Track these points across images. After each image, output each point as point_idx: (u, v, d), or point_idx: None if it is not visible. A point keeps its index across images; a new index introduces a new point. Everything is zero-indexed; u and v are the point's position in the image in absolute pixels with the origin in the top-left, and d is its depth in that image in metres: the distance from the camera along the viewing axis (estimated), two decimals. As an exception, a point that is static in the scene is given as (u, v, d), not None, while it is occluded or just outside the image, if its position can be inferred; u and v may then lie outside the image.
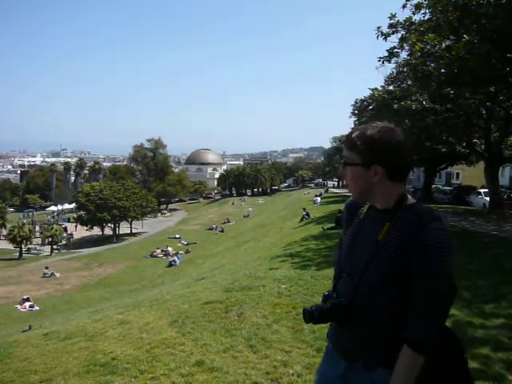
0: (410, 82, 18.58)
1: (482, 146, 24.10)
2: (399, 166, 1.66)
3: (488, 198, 24.42)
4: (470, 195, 30.19)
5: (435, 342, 1.54)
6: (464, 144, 25.04)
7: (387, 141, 1.62)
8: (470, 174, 43.29)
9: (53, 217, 59.39)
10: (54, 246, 42.07)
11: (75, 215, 53.53)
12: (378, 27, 13.26)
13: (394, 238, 1.60)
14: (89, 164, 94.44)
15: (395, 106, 18.84)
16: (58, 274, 29.17)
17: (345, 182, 1.79)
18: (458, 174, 55.87)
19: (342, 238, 1.97)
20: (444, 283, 1.54)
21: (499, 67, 11.27)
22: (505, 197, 26.46)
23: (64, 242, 45.00)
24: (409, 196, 1.69)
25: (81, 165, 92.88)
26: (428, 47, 12.24)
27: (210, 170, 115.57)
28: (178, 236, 42.38)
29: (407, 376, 1.53)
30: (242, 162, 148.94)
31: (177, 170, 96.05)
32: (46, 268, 29.66)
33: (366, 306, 1.64)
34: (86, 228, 49.31)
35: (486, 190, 25.55)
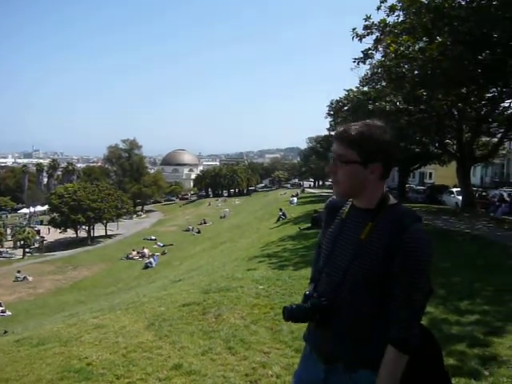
0: (384, 83, 18.81)
1: (454, 147, 24.55)
2: (392, 164, 1.68)
3: (460, 197, 24.89)
4: (443, 194, 30.74)
5: (418, 340, 1.56)
6: (437, 144, 25.45)
7: (384, 139, 1.63)
8: (442, 174, 44.09)
9: (25, 219, 58.14)
10: (27, 250, 41.11)
11: (48, 217, 52.48)
12: (354, 29, 13.38)
13: (376, 238, 1.60)
14: (62, 165, 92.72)
15: (370, 106, 19.02)
16: (30, 278, 28.57)
17: (331, 180, 1.75)
18: (430, 173, 56.87)
19: (319, 240, 1.96)
20: (424, 284, 1.56)
21: (471, 69, 11.49)
22: (476, 196, 27.01)
23: (37, 245, 44.02)
24: (390, 196, 1.69)
25: (54, 166, 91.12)
26: (402, 48, 12.40)
27: (185, 170, 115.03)
28: (153, 237, 42.01)
29: (393, 375, 1.54)
30: (218, 163, 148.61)
31: (152, 171, 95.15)
32: (18, 272, 29.03)
33: (346, 307, 1.64)
34: (59, 230, 48.34)
35: (459, 189, 26.05)
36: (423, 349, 1.60)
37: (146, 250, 34.18)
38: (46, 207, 58.69)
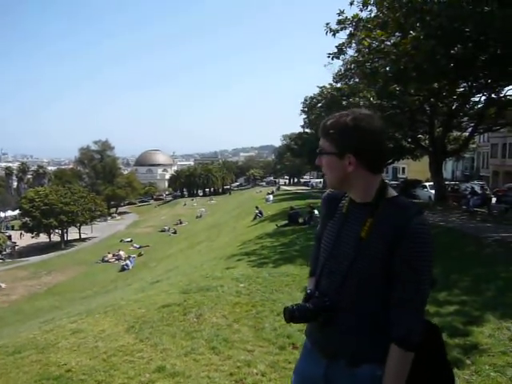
0: (357, 80, 18.98)
1: (427, 141, 24.97)
2: (375, 154, 1.60)
3: (433, 191, 25.32)
4: (416, 189, 31.19)
5: (420, 336, 1.52)
6: (409, 139, 25.83)
7: (362, 128, 1.55)
8: (415, 168, 44.87)
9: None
10: (-2, 256, 40.28)
11: (20, 222, 51.38)
12: (327, 23, 13.41)
13: (378, 235, 1.55)
14: (32, 168, 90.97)
15: (344, 102, 19.17)
16: (3, 285, 27.90)
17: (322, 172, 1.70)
18: (403, 168, 57.81)
19: (319, 233, 1.91)
20: (427, 278, 1.52)
21: (443, 63, 11.63)
22: (449, 189, 27.52)
23: (8, 251, 43.12)
24: (390, 188, 1.63)
25: (23, 169, 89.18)
26: (376, 43, 12.50)
27: (160, 171, 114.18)
28: (129, 239, 41.56)
29: (399, 373, 1.51)
30: (192, 163, 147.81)
31: (126, 172, 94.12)
32: (-10, 278, 28.38)
33: (349, 306, 1.59)
34: (31, 235, 47.41)
35: (431, 184, 26.49)
36: (426, 342, 1.56)
37: (121, 252, 33.77)
38: (16, 212, 57.47)
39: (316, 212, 15.66)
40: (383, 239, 1.53)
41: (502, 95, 19.52)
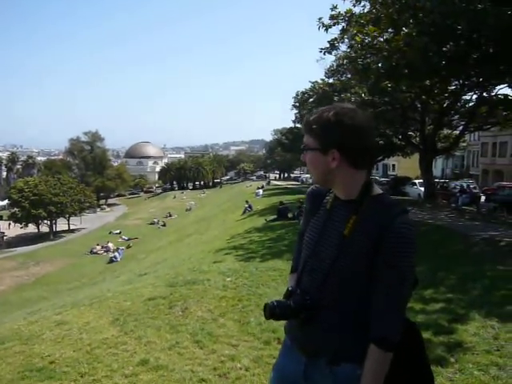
0: (349, 75, 18.98)
1: (417, 139, 25.08)
2: (359, 150, 1.56)
3: (423, 189, 25.47)
4: (406, 186, 31.37)
5: (399, 336, 1.50)
6: (400, 136, 25.90)
7: (345, 123, 1.52)
8: (405, 166, 45.05)
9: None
10: (-14, 246, 39.93)
11: (8, 212, 50.96)
12: (320, 18, 13.36)
13: (361, 233, 1.52)
14: (22, 158, 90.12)
15: (336, 98, 19.17)
16: (-10, 275, 27.71)
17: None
18: (394, 165, 58.01)
19: (302, 229, 1.88)
20: (409, 279, 1.50)
21: (436, 60, 11.64)
22: (438, 187, 27.69)
23: (-4, 241, 42.77)
24: (375, 186, 1.61)
25: (13, 159, 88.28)
26: (368, 39, 12.48)
27: (150, 163, 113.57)
28: (118, 231, 41.39)
29: (377, 374, 1.49)
30: (183, 155, 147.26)
31: (116, 164, 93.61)
32: (-23, 268, 28.14)
33: (331, 304, 1.57)
34: (20, 226, 47.05)
35: (421, 181, 26.66)
36: (405, 341, 1.54)
37: (110, 244, 33.66)
38: (5, 202, 57.00)
39: (305, 207, 15.66)
40: (366, 237, 1.51)
41: (493, 94, 19.62)
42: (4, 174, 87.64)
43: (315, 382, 1.65)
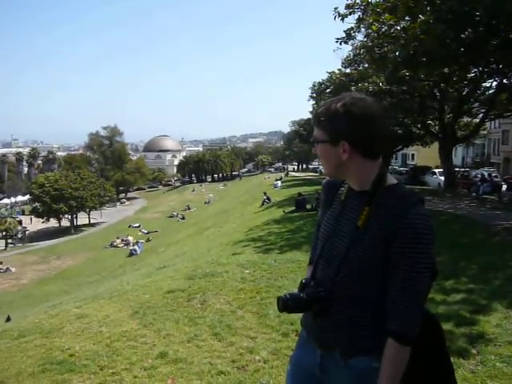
0: (366, 65, 18.74)
1: (436, 127, 24.72)
2: (370, 140, 1.52)
3: (443, 178, 25.15)
4: (426, 175, 31.01)
5: (417, 330, 1.47)
6: (419, 125, 25.57)
7: (354, 113, 1.48)
8: (424, 155, 44.50)
9: (6, 210, 57.31)
10: (9, 240, 40.63)
11: (30, 207, 51.81)
12: (335, 8, 13.21)
13: (375, 224, 1.50)
14: (42, 154, 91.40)
15: (353, 88, 18.94)
16: (13, 269, 28.24)
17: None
18: (413, 154, 57.40)
19: (319, 220, 1.86)
20: (426, 271, 1.46)
21: (454, 47, 11.42)
22: (458, 176, 27.32)
23: (19, 236, 43.49)
24: (389, 176, 1.57)
25: (34, 155, 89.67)
26: (385, 28, 12.30)
27: (169, 156, 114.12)
28: (137, 225, 41.76)
29: (396, 368, 1.46)
30: (201, 148, 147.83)
31: (135, 158, 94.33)
32: (1, 263, 28.69)
33: (345, 296, 1.55)
34: (41, 220, 47.80)
35: (441, 170, 26.31)
36: (424, 334, 1.52)
37: (130, 238, 34.01)
38: (27, 197, 57.94)
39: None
40: (380, 228, 1.48)
41: (513, 81, 19.21)
42: (25, 169, 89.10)
43: (330, 375, 1.63)
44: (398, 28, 12.28)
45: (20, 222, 47.29)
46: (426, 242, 1.44)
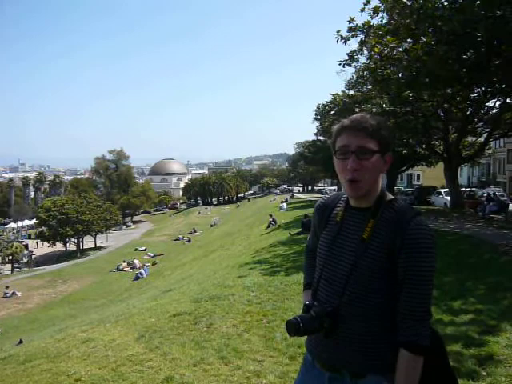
0: (370, 86, 18.89)
1: (441, 147, 24.75)
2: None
3: (449, 198, 25.06)
4: (432, 195, 30.92)
5: (428, 339, 1.49)
6: (424, 146, 25.62)
7: (389, 127, 1.57)
8: (430, 175, 44.46)
9: (13, 234, 57.44)
10: (15, 265, 40.59)
11: (36, 231, 51.92)
12: (338, 31, 13.35)
13: (379, 236, 1.53)
14: (49, 178, 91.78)
15: (356, 109, 19.08)
16: (19, 293, 28.14)
17: (348, 178, 1.54)
18: (418, 175, 57.31)
19: (309, 245, 1.88)
20: (431, 280, 1.50)
21: (456, 68, 11.53)
22: (464, 196, 27.21)
23: (25, 260, 43.44)
24: (387, 192, 1.62)
25: (40, 179, 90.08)
26: (387, 50, 12.43)
27: (174, 179, 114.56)
28: (143, 248, 41.69)
29: (411, 378, 1.47)
30: (206, 171, 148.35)
31: (141, 181, 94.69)
32: (7, 287, 28.59)
33: (352, 312, 1.56)
34: (48, 244, 47.86)
35: (447, 190, 26.23)
36: (430, 351, 1.53)
37: (136, 261, 33.90)
38: (33, 221, 58.07)
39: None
40: (384, 241, 1.51)
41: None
42: (32, 193, 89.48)
43: None
44: (401, 50, 12.42)
45: (26, 246, 47.35)
46: (430, 251, 1.47)
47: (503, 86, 15.88)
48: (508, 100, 18.92)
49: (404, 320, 1.49)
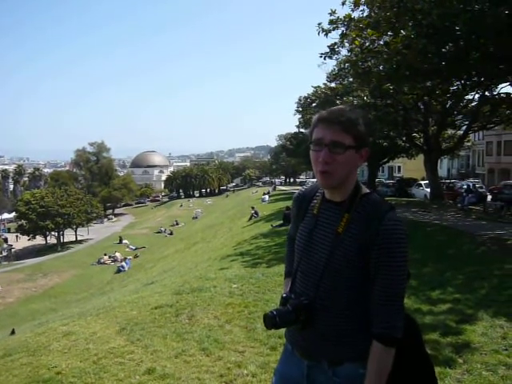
0: (351, 79, 19.00)
1: (421, 140, 25.03)
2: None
3: (429, 190, 25.40)
4: (412, 187, 31.30)
5: (401, 331, 1.52)
6: (404, 138, 25.87)
7: (368, 122, 1.59)
8: (410, 167, 45.02)
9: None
10: (-6, 258, 40.08)
11: (16, 225, 51.22)
12: (319, 23, 13.38)
13: (354, 230, 1.55)
14: (28, 171, 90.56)
15: (338, 102, 19.17)
16: (-1, 288, 27.79)
17: (320, 169, 1.54)
18: (399, 167, 57.98)
19: (291, 235, 1.89)
20: (404, 273, 1.52)
21: (435, 61, 11.64)
22: (444, 187, 27.60)
23: (4, 254, 42.87)
24: (362, 185, 1.63)
25: (20, 172, 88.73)
26: (367, 43, 12.50)
27: (156, 172, 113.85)
28: (125, 241, 41.43)
29: (382, 370, 1.50)
30: (188, 163, 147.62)
31: (122, 174, 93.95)
32: (-14, 282, 28.21)
33: (328, 303, 1.58)
34: (27, 238, 47.26)
35: (427, 182, 26.57)
36: (405, 337, 1.55)
37: (117, 254, 33.68)
38: (12, 214, 57.27)
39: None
40: (358, 233, 1.53)
41: (495, 93, 19.59)
42: (11, 186, 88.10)
43: None
44: (381, 43, 12.49)
45: (6, 240, 46.75)
46: (402, 244, 1.50)
47: (482, 79, 16.11)
48: (486, 93, 19.22)
49: (377, 312, 1.51)
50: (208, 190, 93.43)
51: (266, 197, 37.90)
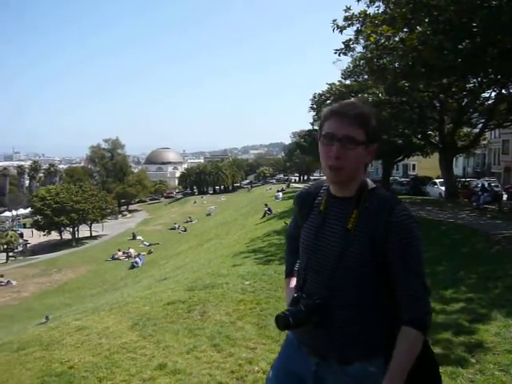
0: (366, 76, 18.86)
1: (437, 138, 24.79)
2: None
3: (443, 188, 25.17)
4: (427, 185, 31.06)
5: (431, 316, 1.53)
6: (419, 136, 25.64)
7: (379, 118, 1.57)
8: (425, 165, 44.51)
9: (8, 223, 57.28)
10: (10, 253, 40.54)
11: (31, 220, 51.79)
12: (334, 20, 13.28)
13: (364, 226, 1.53)
14: (44, 167, 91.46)
15: (353, 99, 19.03)
16: (14, 282, 28.11)
17: (331, 164, 1.53)
18: (414, 165, 57.39)
19: (291, 233, 1.88)
20: (422, 262, 1.54)
21: (451, 58, 11.51)
22: (459, 186, 27.33)
23: (20, 249, 43.41)
24: (368, 180, 1.62)
25: (35, 168, 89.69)
26: (383, 39, 12.39)
27: (170, 168, 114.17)
28: (139, 237, 41.68)
29: (411, 356, 1.48)
30: (202, 160, 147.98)
31: (136, 170, 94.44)
32: (2, 276, 28.56)
33: (340, 302, 1.56)
34: (43, 233, 47.77)
35: (442, 180, 26.36)
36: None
37: (131, 250, 33.92)
38: (28, 210, 57.91)
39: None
40: (369, 229, 1.52)
41: (512, 91, 19.29)
42: (27, 182, 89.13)
43: (327, 382, 1.64)
44: (397, 39, 12.36)
45: (21, 235, 47.22)
46: (415, 234, 1.51)
47: (499, 76, 15.87)
48: (503, 91, 18.94)
49: (407, 299, 1.51)
50: (222, 186, 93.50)
51: (280, 194, 37.89)
